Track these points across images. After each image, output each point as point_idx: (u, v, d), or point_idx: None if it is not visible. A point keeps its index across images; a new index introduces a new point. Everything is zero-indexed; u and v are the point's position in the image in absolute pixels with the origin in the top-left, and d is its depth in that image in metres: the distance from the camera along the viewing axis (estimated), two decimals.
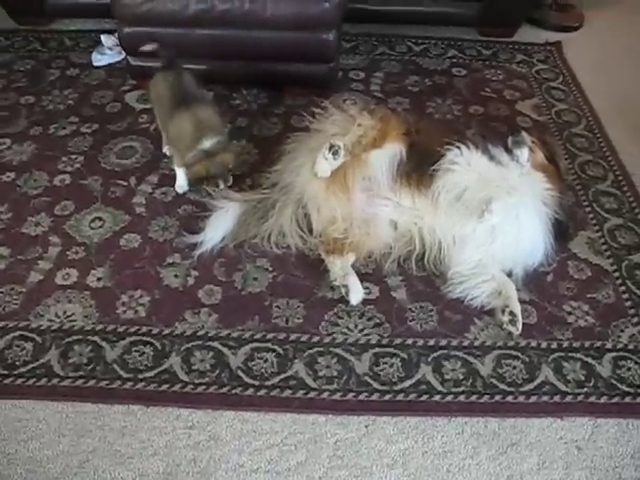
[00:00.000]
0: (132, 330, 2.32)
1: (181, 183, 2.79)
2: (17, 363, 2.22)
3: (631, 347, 2.33)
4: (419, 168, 2.54)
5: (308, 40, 3.07)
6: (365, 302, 2.42)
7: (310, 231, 2.60)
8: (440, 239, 2.50)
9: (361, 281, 2.46)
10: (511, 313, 2.36)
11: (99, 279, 2.47)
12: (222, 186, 2.66)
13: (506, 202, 2.37)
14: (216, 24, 3.05)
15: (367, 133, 2.54)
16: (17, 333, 2.30)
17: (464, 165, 2.49)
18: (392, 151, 2.55)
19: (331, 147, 2.44)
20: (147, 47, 2.80)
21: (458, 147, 2.51)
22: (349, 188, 2.53)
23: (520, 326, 2.34)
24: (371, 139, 2.53)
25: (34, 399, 2.14)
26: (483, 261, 2.44)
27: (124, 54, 3.31)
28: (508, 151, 2.54)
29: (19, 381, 2.17)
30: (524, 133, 2.58)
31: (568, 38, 3.92)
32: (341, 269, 2.44)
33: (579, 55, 3.77)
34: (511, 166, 2.50)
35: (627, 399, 2.19)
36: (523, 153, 2.52)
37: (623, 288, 2.53)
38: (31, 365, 2.22)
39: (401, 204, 2.54)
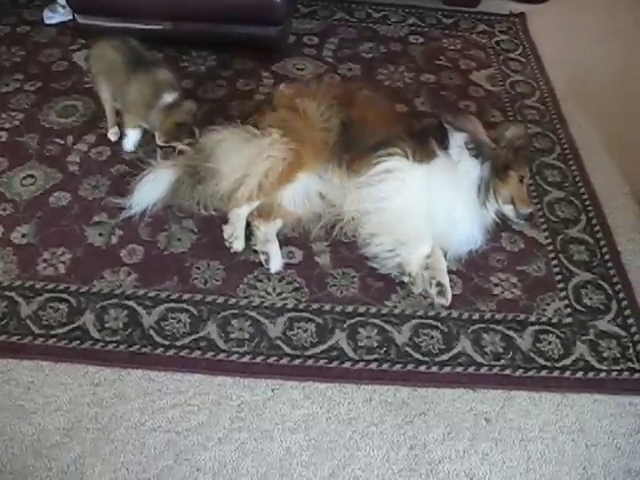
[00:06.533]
0: (50, 287, 2.31)
1: (134, 142, 2.77)
2: None
3: (555, 321, 2.31)
4: (352, 148, 2.52)
5: (256, 1, 3.02)
6: (287, 266, 2.40)
7: None
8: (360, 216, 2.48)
9: (286, 245, 2.45)
10: (439, 284, 2.32)
11: (23, 235, 2.45)
12: (197, 134, 2.63)
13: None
14: None
15: (276, 166, 2.44)
16: None
17: (398, 179, 2.44)
18: (305, 183, 2.52)
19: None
20: None
21: (399, 155, 2.46)
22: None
23: (450, 297, 2.31)
24: (281, 172, 2.45)
25: None
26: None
27: None
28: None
29: None
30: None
31: (534, 10, 3.84)
32: (264, 235, 2.43)
33: (543, 27, 3.70)
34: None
35: (543, 373, 2.16)
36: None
37: (555, 262, 2.49)
38: None
39: (331, 181, 2.53)
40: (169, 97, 2.61)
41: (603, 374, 2.17)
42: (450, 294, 2.31)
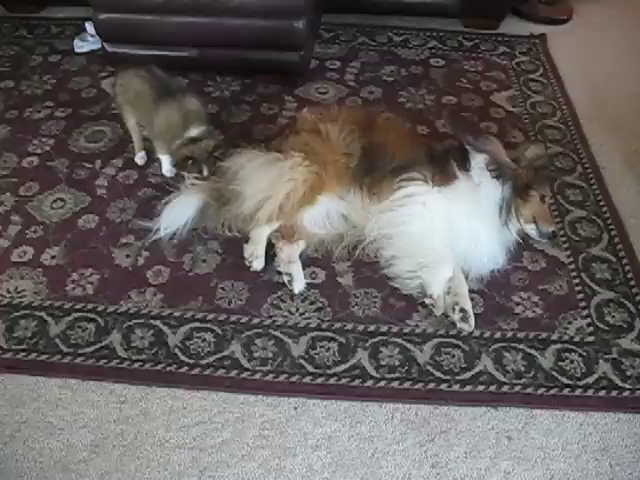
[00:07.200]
0: (78, 307, 2.36)
1: (168, 167, 2.82)
2: None
3: (577, 339, 2.29)
4: (373, 172, 2.56)
5: (277, 28, 3.10)
6: (310, 286, 2.43)
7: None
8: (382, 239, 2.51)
9: (309, 265, 2.49)
10: (462, 310, 2.32)
11: (53, 257, 2.52)
12: (205, 172, 2.67)
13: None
14: (187, 11, 3.11)
15: (298, 188, 2.49)
16: None
17: (419, 203, 2.47)
18: (326, 206, 2.56)
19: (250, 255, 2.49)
20: None
21: (420, 180, 2.49)
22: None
23: (473, 322, 2.31)
24: (302, 195, 2.50)
25: None
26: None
27: None
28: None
29: None
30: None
31: (554, 31, 3.86)
32: (287, 256, 2.46)
33: (563, 48, 3.72)
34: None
35: (565, 391, 2.15)
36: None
37: (577, 280, 2.49)
38: None
39: (353, 204, 2.57)
40: (195, 130, 2.65)
41: (627, 393, 2.15)
42: (473, 320, 2.31)
